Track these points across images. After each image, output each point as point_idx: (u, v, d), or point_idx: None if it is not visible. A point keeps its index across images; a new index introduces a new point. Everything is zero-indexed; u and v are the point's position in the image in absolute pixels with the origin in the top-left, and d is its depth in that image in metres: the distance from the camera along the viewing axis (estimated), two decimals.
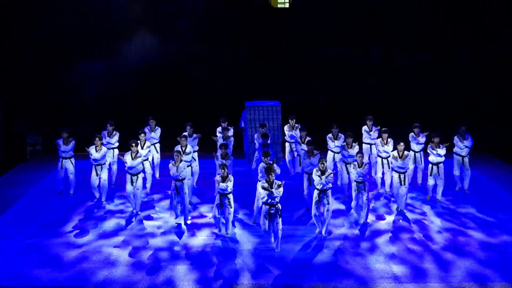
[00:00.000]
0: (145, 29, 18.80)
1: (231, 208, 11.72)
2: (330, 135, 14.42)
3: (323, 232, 11.92)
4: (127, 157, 12.86)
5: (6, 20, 18.22)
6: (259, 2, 19.12)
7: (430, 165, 13.68)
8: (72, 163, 14.15)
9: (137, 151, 12.98)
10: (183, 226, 12.41)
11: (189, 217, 12.74)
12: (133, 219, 12.86)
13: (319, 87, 18.93)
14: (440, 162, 13.54)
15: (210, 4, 18.87)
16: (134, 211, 13.15)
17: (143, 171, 13.72)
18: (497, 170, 16.43)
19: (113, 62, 18.78)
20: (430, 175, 13.68)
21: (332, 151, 14.47)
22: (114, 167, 14.94)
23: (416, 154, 14.35)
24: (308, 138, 13.89)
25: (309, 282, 10.08)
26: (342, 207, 13.51)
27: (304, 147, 13.56)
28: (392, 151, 13.39)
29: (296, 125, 15.16)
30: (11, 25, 18.30)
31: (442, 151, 13.41)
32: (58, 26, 18.32)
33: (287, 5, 19.20)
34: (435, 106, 18.59)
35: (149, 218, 12.99)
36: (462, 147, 14.05)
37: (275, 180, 11.13)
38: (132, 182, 12.90)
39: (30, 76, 18.52)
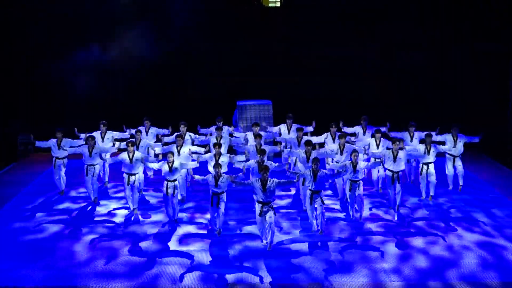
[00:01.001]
0: (145, 28, 18.81)
1: (218, 207, 11.69)
2: (327, 134, 14.36)
3: (314, 229, 11.91)
4: (124, 156, 12.90)
5: (6, 20, 18.27)
6: (256, 1, 19.10)
7: (421, 165, 13.65)
8: (64, 163, 14.17)
9: (134, 151, 13.01)
10: (178, 225, 12.41)
11: (184, 215, 12.78)
12: (130, 218, 12.89)
13: (318, 87, 18.87)
14: (431, 162, 13.51)
15: (210, 4, 18.88)
16: (131, 210, 13.17)
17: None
18: (494, 170, 16.47)
19: (112, 61, 18.79)
20: (421, 174, 13.66)
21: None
22: (107, 165, 14.93)
23: None
24: (305, 138, 13.84)
25: (305, 281, 10.04)
26: (337, 206, 13.52)
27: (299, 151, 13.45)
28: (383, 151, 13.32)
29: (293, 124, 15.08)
30: (11, 25, 18.36)
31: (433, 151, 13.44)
32: (58, 26, 18.36)
33: (278, 4, 19.16)
34: (434, 106, 18.51)
35: (145, 216, 13.00)
36: (450, 148, 14.01)
37: (270, 178, 11.13)
38: (129, 181, 12.93)
39: (30, 76, 18.58)
